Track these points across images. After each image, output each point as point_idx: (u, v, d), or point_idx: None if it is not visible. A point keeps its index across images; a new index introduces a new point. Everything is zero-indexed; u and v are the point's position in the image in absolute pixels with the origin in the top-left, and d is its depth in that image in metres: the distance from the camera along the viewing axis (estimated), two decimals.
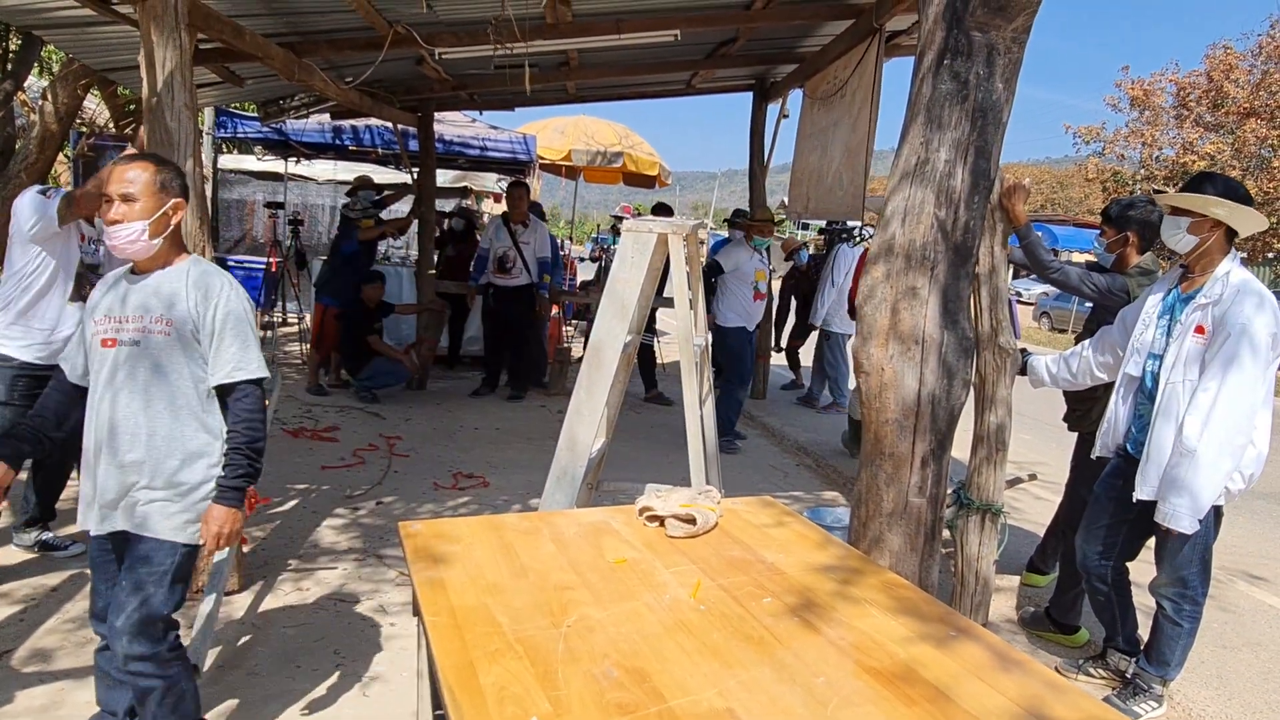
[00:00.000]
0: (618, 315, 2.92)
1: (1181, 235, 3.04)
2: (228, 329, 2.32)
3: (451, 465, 5.66)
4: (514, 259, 7.58)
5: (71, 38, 4.87)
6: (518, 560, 2.13)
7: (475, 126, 10.18)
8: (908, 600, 2.02)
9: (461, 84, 7.22)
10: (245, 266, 10.28)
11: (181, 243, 2.40)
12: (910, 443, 2.66)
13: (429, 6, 4.74)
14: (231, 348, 2.32)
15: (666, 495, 2.49)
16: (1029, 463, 6.58)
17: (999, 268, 3.19)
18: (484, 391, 7.90)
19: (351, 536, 4.37)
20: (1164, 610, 3.16)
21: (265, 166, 11.52)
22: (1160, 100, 22.65)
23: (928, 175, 2.64)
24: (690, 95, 9.08)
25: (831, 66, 6.26)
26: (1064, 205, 34.62)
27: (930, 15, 2.68)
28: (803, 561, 2.22)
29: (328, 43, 5.35)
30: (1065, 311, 20.72)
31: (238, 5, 4.48)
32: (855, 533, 2.79)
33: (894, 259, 2.68)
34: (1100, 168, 24.15)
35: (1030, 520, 5.37)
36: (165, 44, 3.35)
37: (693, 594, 1.99)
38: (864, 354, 2.73)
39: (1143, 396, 3.18)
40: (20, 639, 3.16)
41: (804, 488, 5.84)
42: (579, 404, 2.97)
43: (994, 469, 3.19)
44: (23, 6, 4.18)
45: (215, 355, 2.32)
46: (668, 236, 3.02)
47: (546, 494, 3.00)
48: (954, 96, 2.61)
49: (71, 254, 3.71)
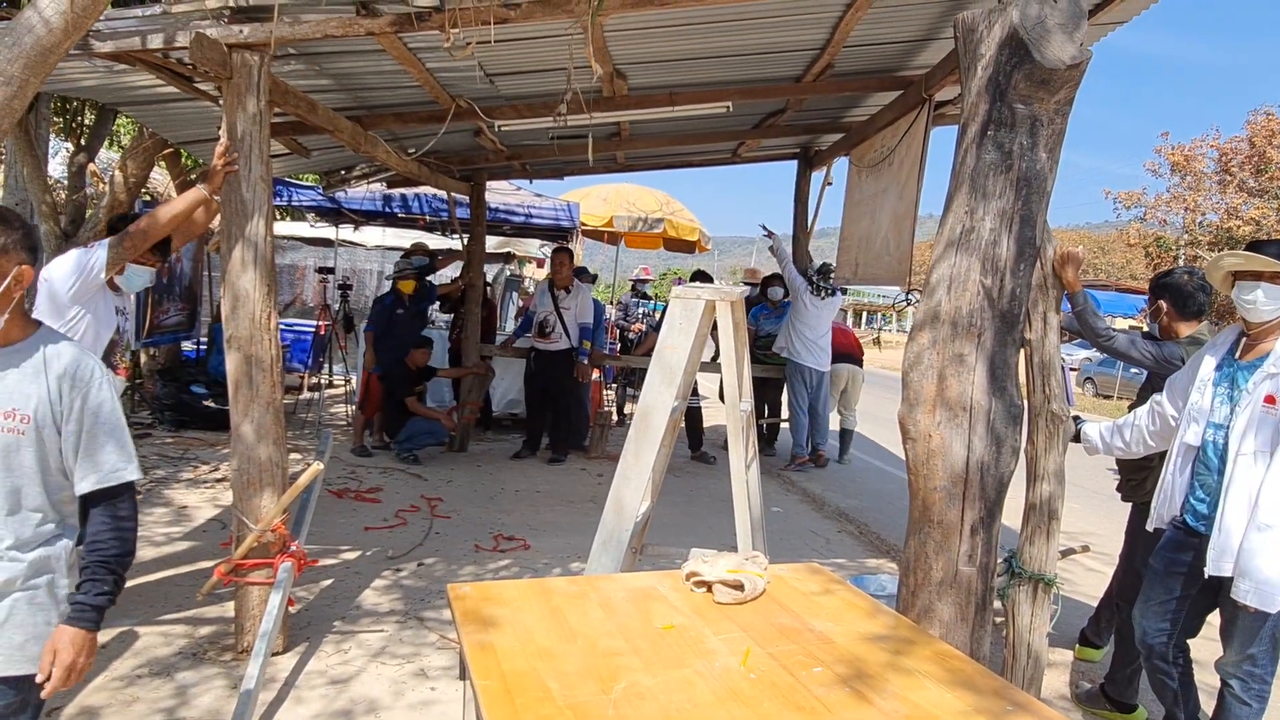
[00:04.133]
0: (666, 381, 2.96)
1: (1258, 301, 2.86)
2: (101, 424, 1.96)
3: (492, 527, 5.68)
4: (553, 324, 7.70)
5: (152, 113, 5.15)
6: (566, 625, 2.13)
7: (520, 194, 10.46)
8: (962, 672, 1.98)
9: (515, 154, 7.47)
10: (295, 330, 10.54)
11: (27, 314, 1.98)
12: (959, 510, 2.64)
13: (491, 82, 4.94)
14: (108, 446, 1.97)
15: (713, 560, 2.48)
16: (1080, 533, 6.41)
17: (1052, 335, 3.18)
18: (525, 454, 7.95)
19: (393, 598, 4.39)
20: (1231, 689, 3.03)
21: (317, 233, 11.89)
22: (1201, 165, 22.52)
23: (973, 244, 2.67)
24: (735, 164, 9.25)
25: (879, 135, 6.37)
26: (1106, 271, 34.29)
27: (974, 89, 2.74)
28: (853, 630, 2.19)
29: (393, 116, 5.58)
30: (1110, 378, 20.37)
31: (311, 82, 4.72)
32: (904, 602, 2.75)
33: (940, 326, 2.69)
34: (1143, 233, 23.95)
35: (1082, 592, 5.22)
36: (246, 118, 3.52)
37: (742, 662, 1.97)
38: (911, 421, 2.73)
39: (1202, 466, 3.10)
40: (69, 695, 3.20)
41: (846, 554, 5.75)
42: (626, 468, 2.99)
43: (1046, 538, 3.14)
44: (109, 86, 4.44)
45: (87, 456, 1.95)
46: (715, 304, 3.07)
47: (593, 557, 3.00)
48: (998, 166, 2.65)
49: (107, 315, 3.54)
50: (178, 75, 4.06)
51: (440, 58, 4.42)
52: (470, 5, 3.37)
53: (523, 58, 4.66)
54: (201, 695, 3.29)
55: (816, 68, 5.37)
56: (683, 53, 4.98)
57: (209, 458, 6.97)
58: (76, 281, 3.32)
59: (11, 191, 6.66)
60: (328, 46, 4.16)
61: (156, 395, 8.11)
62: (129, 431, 2.05)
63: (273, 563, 3.56)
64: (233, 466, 3.64)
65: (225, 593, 3.90)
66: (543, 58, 4.67)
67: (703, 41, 4.79)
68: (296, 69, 4.46)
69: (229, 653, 3.64)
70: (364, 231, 11.56)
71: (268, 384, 3.60)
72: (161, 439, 7.51)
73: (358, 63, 4.54)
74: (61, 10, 2.62)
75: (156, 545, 4.87)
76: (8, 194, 6.72)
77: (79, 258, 3.36)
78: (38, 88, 2.78)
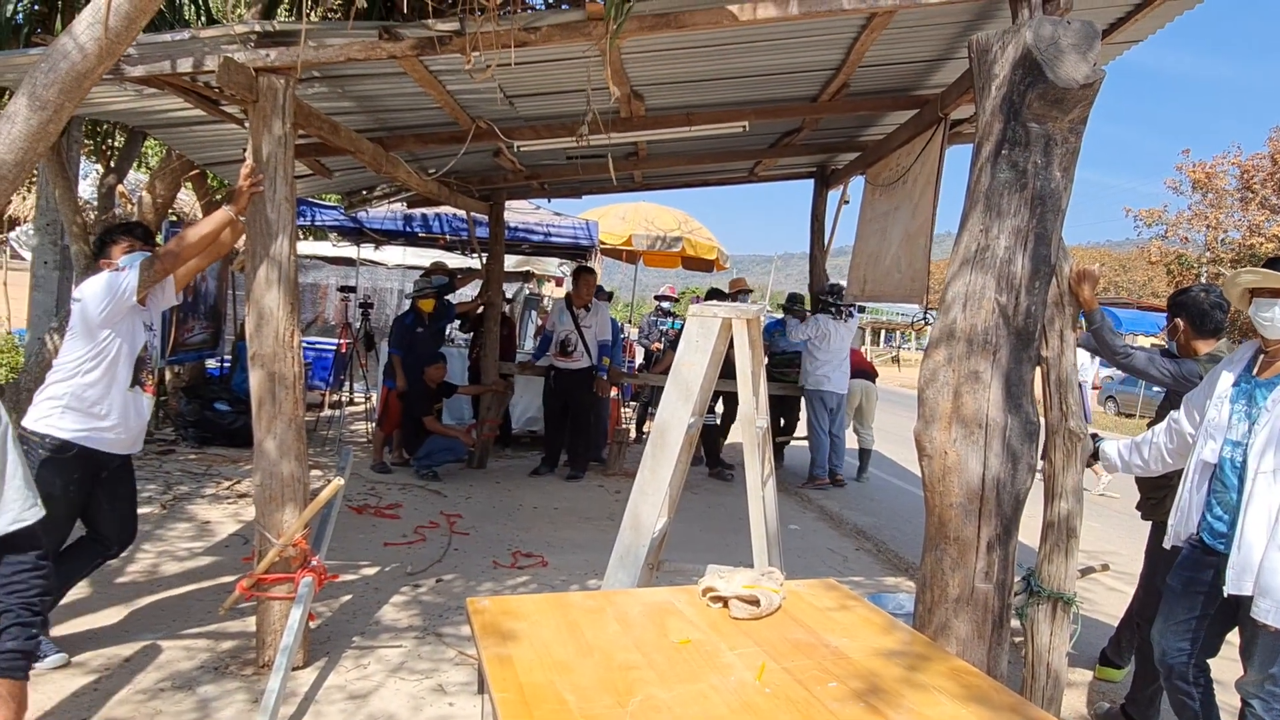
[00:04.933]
0: (682, 398, 2.99)
1: (1276, 318, 2.84)
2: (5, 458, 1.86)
3: (511, 544, 5.70)
4: (575, 342, 7.75)
5: (179, 136, 5.26)
6: (583, 639, 2.15)
7: (539, 213, 10.55)
8: (977, 688, 1.99)
9: (534, 174, 7.56)
10: (317, 348, 10.66)
11: None
12: (975, 527, 2.64)
13: (510, 103, 5.02)
14: (15, 481, 1.87)
15: (729, 576, 2.50)
16: (1100, 552, 6.35)
17: (1068, 352, 3.18)
18: (543, 471, 7.98)
19: (412, 614, 4.41)
20: (1252, 709, 2.99)
21: (339, 252, 12.04)
22: (1223, 183, 22.40)
23: (988, 261, 2.68)
24: (752, 182, 9.31)
25: (894, 154, 6.40)
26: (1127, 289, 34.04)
27: (988, 108, 2.76)
28: (867, 646, 2.20)
29: (414, 137, 5.67)
30: (1132, 396, 20.18)
31: (334, 104, 4.82)
32: (920, 619, 2.75)
33: (955, 343, 2.70)
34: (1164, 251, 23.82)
35: (1103, 612, 5.18)
36: (271, 140, 3.60)
37: (757, 676, 1.99)
38: (926, 437, 2.74)
39: (1220, 484, 3.09)
40: (94, 708, 3.24)
41: (864, 572, 5.73)
42: (643, 483, 3.02)
43: (1065, 556, 3.13)
44: (137, 110, 4.55)
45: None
46: (731, 321, 3.10)
47: (609, 573, 3.02)
48: (1012, 185, 2.67)
49: (136, 337, 3.55)
50: (205, 98, 4.15)
51: (461, 80, 4.49)
52: (490, 29, 3.44)
53: (542, 80, 4.74)
54: (223, 709, 3.32)
55: (832, 87, 5.42)
56: (700, 74, 5.04)
57: (231, 474, 7.05)
58: (108, 304, 3.38)
59: (43, 212, 6.80)
60: (351, 70, 4.25)
61: (180, 412, 8.22)
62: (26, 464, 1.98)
63: (294, 578, 3.60)
64: (255, 482, 3.69)
65: (247, 607, 3.94)
66: (561, 80, 4.74)
67: (719, 63, 4.85)
68: (320, 91, 4.56)
69: (250, 667, 3.68)
70: (385, 251, 11.70)
71: (290, 401, 3.65)
72: (185, 455, 7.61)
73: (380, 85, 4.62)
74: (96, 37, 2.70)
75: (179, 560, 4.93)
76: (40, 214, 6.87)
77: (110, 280, 3.42)
78: (72, 112, 2.86)
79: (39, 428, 3.38)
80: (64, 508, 3.43)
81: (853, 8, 3.43)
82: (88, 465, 3.47)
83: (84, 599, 4.18)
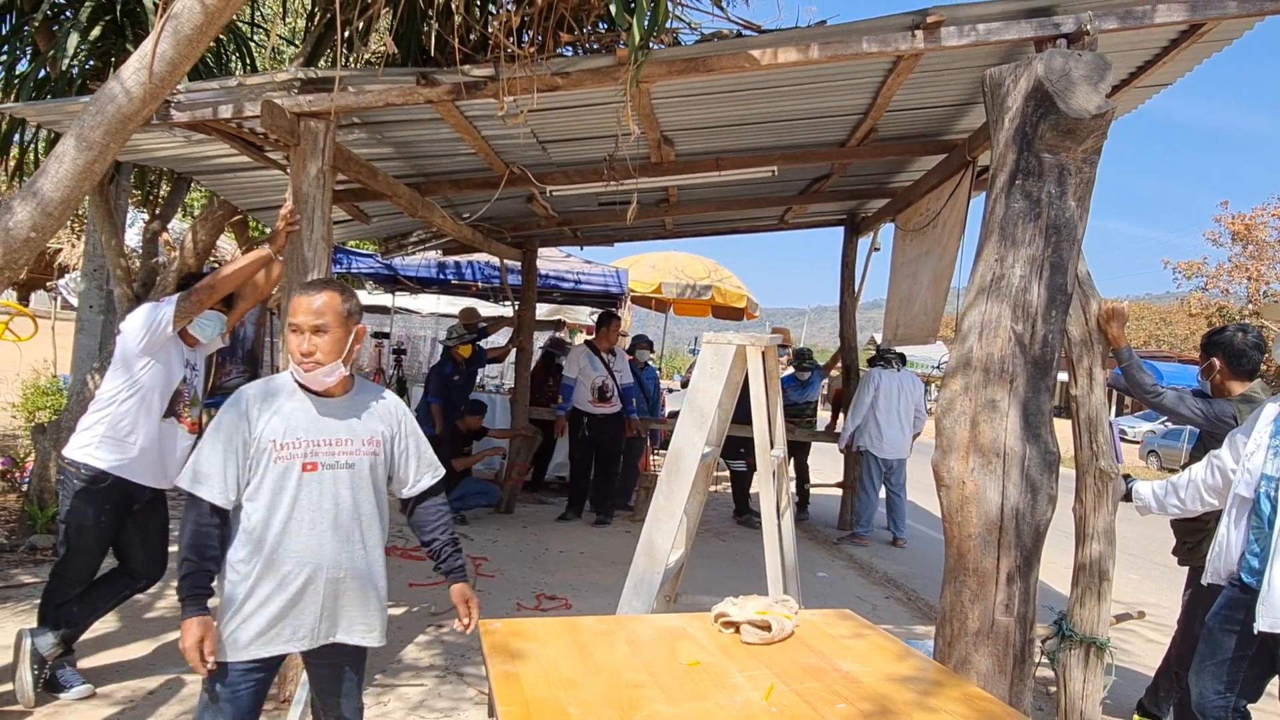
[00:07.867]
0: (697, 424, 3.00)
1: None
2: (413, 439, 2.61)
3: (535, 587, 5.68)
4: (611, 388, 7.78)
5: (223, 182, 5.47)
6: (592, 659, 2.15)
7: (570, 261, 10.69)
8: (990, 713, 1.94)
9: (566, 220, 7.69)
10: None
11: None
12: (995, 558, 2.60)
13: (543, 148, 5.16)
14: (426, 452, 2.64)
15: (743, 603, 2.48)
16: (1136, 602, 6.16)
17: (1097, 390, 3.15)
18: (570, 516, 7.96)
19: (434, 653, 4.40)
20: None
21: (374, 300, 12.28)
22: (1264, 234, 22.08)
23: (1003, 290, 2.69)
24: (783, 230, 9.37)
25: (924, 199, 6.42)
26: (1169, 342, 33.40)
27: (1002, 139, 2.79)
28: (880, 671, 2.16)
29: (449, 182, 5.83)
30: (1175, 451, 19.62)
31: (373, 150, 4.99)
32: (940, 653, 2.70)
33: (972, 372, 2.70)
34: (1204, 303, 23.43)
35: (1140, 663, 5.00)
36: (309, 181, 3.71)
37: (765, 697, 1.96)
38: (944, 467, 2.72)
39: (1256, 519, 3.01)
40: None
41: (894, 621, 5.60)
42: (658, 510, 3.02)
43: (1097, 600, 3.06)
44: (185, 156, 4.74)
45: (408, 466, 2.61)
46: (746, 349, 3.12)
47: (624, 601, 3.01)
48: (1027, 214, 2.69)
49: (174, 369, 3.63)
50: (248, 144, 4.32)
51: (494, 125, 4.63)
52: (523, 74, 3.55)
53: (574, 124, 4.86)
54: None
55: (860, 132, 5.48)
56: (727, 119, 5.14)
57: None
58: (146, 336, 3.49)
59: (91, 259, 7.05)
60: (389, 115, 4.40)
61: None
62: None
63: None
64: None
65: None
66: (593, 125, 4.86)
67: (747, 107, 4.94)
68: (360, 137, 4.72)
69: (271, 701, 3.68)
70: (419, 298, 11.90)
71: None
72: None
73: (417, 131, 4.78)
74: (141, 81, 2.84)
75: None
76: (87, 260, 7.12)
77: (149, 313, 3.54)
78: (116, 153, 2.99)
79: (77, 456, 3.48)
80: (95, 538, 3.53)
81: (874, 51, 3.51)
82: (120, 496, 3.54)
83: (112, 633, 4.23)
